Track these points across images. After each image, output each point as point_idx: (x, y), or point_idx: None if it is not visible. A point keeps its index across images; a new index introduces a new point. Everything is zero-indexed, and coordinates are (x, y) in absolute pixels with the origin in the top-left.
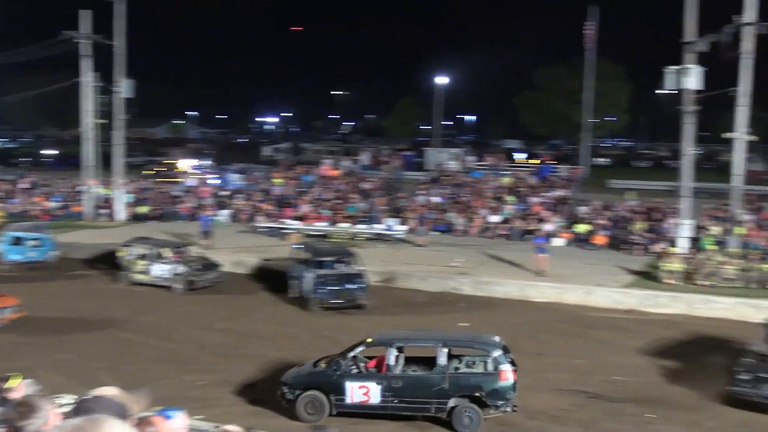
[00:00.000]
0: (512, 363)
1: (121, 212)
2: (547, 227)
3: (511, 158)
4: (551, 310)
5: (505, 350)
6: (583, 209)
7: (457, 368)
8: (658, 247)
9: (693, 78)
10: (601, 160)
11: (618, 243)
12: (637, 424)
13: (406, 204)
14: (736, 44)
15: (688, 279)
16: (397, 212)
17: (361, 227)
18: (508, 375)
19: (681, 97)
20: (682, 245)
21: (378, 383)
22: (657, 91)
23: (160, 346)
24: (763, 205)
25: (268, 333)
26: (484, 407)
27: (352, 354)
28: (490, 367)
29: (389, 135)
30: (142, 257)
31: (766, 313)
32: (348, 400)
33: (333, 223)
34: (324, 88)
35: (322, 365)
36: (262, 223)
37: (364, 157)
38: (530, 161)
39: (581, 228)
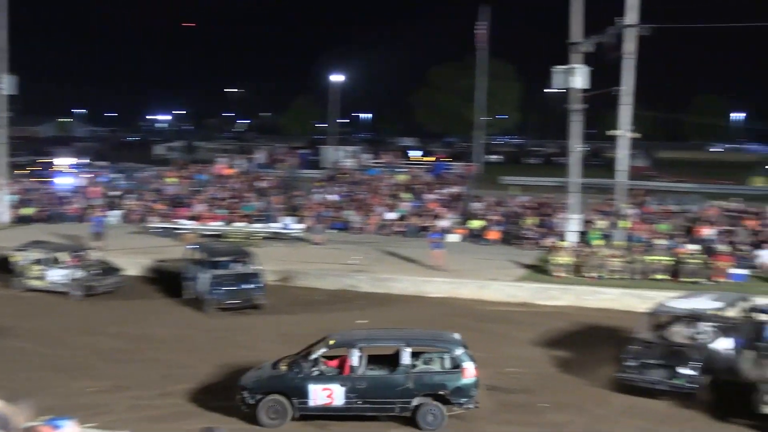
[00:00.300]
0: (472, 359)
1: (3, 214)
2: (442, 223)
3: (406, 156)
4: (447, 304)
5: (465, 347)
6: (476, 205)
7: (414, 365)
8: (548, 242)
9: (579, 77)
10: (494, 157)
11: (510, 238)
12: (532, 414)
13: (302, 202)
14: (619, 45)
15: (577, 272)
16: (293, 211)
17: (257, 226)
18: (471, 372)
19: (568, 96)
20: (571, 239)
21: (342, 385)
22: (546, 90)
23: (51, 353)
24: (646, 200)
25: (163, 336)
26: (448, 404)
27: (314, 356)
28: (452, 364)
29: (285, 133)
30: (38, 262)
31: (650, 303)
32: (311, 403)
33: (228, 222)
34: (218, 85)
35: (283, 368)
36: (154, 223)
37: (260, 156)
38: (425, 159)
39: (475, 224)
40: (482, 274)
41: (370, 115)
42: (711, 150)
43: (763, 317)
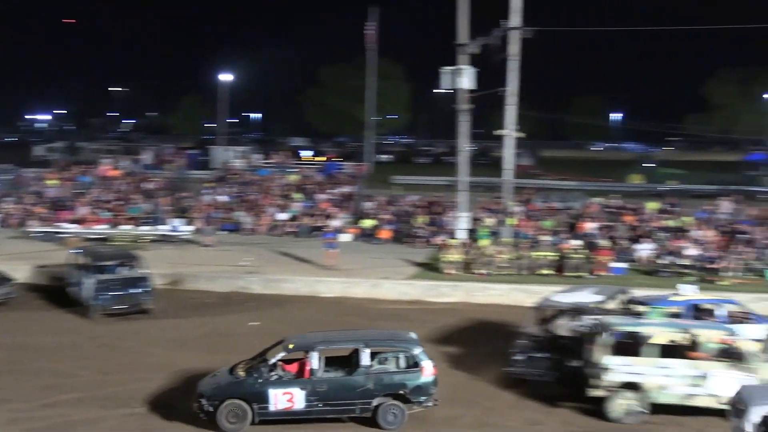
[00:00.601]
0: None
1: None
2: (335, 223)
3: (297, 156)
4: (340, 304)
5: (421, 346)
6: (368, 205)
7: (371, 366)
8: (438, 240)
9: (466, 78)
10: (384, 157)
11: (402, 237)
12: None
13: (191, 204)
14: (504, 47)
15: (467, 269)
16: (182, 212)
17: (144, 229)
18: (429, 370)
19: (456, 96)
20: (461, 237)
21: (302, 388)
22: (435, 91)
23: None
24: (531, 197)
25: (45, 345)
26: (408, 403)
27: (273, 361)
28: (411, 363)
29: (173, 133)
30: None
31: (536, 298)
32: (272, 408)
33: (114, 225)
34: (101, 83)
35: (241, 373)
36: (35, 227)
37: (147, 156)
38: (316, 159)
39: (367, 223)
40: (375, 273)
41: (259, 115)
42: (591, 149)
43: (639, 308)
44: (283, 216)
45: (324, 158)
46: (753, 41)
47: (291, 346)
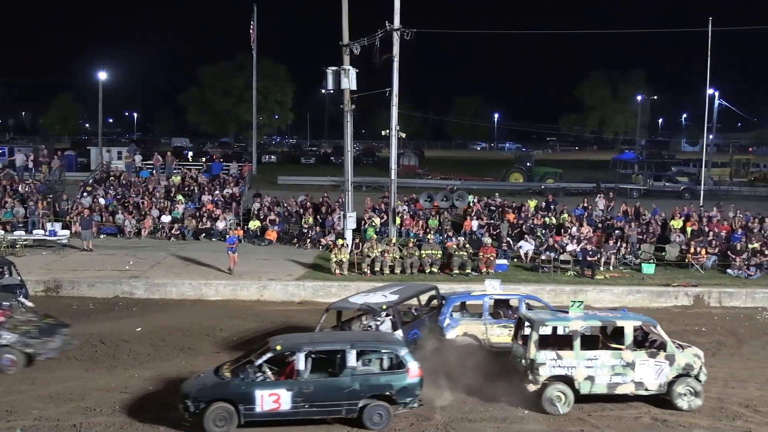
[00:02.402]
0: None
1: None
2: (220, 225)
3: (179, 156)
4: (228, 306)
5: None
6: (254, 206)
7: (356, 367)
8: (326, 240)
9: (349, 79)
10: (269, 157)
11: (289, 237)
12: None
13: (69, 207)
14: (388, 48)
15: (357, 268)
16: (59, 216)
17: (19, 234)
18: (415, 372)
19: (341, 96)
20: (348, 237)
21: (288, 389)
22: (321, 91)
23: None
24: (416, 197)
25: None
26: (394, 404)
27: (259, 362)
28: (397, 364)
29: (48, 133)
30: None
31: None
32: (258, 409)
33: None
34: None
35: (227, 374)
36: None
37: (19, 158)
38: (200, 159)
39: (253, 224)
40: (263, 274)
41: (137, 115)
42: (474, 148)
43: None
44: (166, 218)
45: (207, 159)
46: (623, 45)
47: (278, 348)
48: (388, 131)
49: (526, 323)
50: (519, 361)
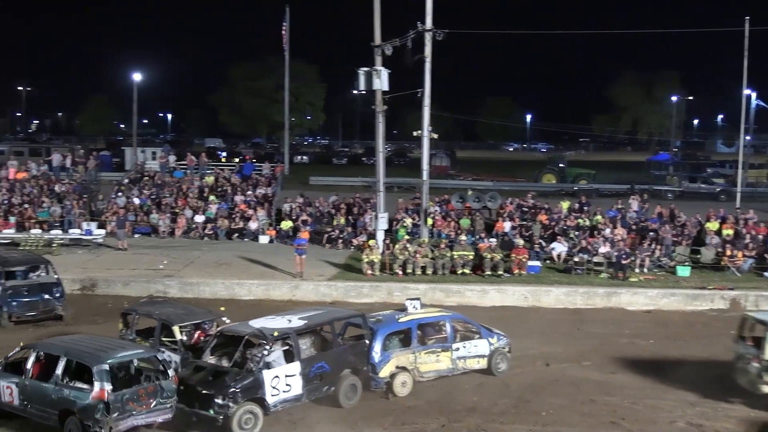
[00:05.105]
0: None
1: None
2: (252, 225)
3: (212, 157)
4: (260, 306)
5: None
6: (286, 206)
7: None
8: (358, 240)
9: (381, 80)
10: (302, 158)
11: (321, 238)
12: None
13: (104, 206)
14: (419, 49)
15: (388, 269)
16: (95, 216)
17: (55, 233)
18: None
19: (373, 97)
20: (380, 237)
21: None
22: (354, 92)
23: None
24: (448, 197)
25: None
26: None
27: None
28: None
29: (83, 133)
30: None
31: (455, 297)
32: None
33: (23, 229)
34: (4, 83)
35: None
36: None
37: (56, 158)
38: (232, 160)
39: (285, 225)
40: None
41: (171, 115)
42: (506, 149)
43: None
44: (199, 218)
45: (240, 159)
46: (656, 45)
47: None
48: (419, 132)
49: (759, 324)
50: (747, 364)
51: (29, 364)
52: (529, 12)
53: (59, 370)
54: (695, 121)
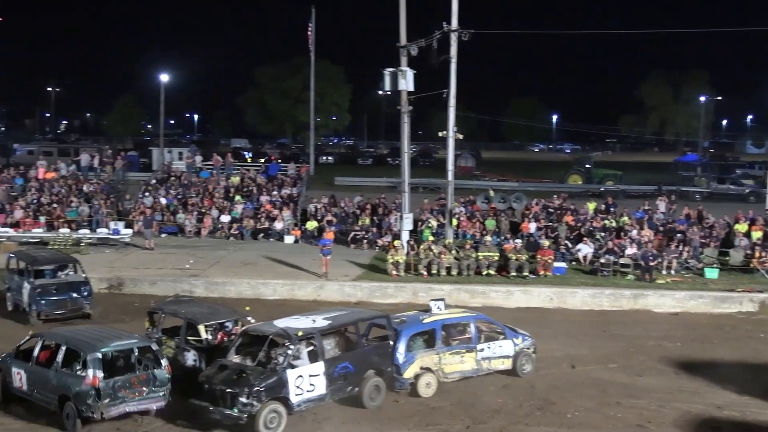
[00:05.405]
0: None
1: None
2: (278, 225)
3: (238, 157)
4: (285, 306)
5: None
6: (311, 206)
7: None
8: (383, 241)
9: (406, 80)
10: (327, 158)
11: (346, 238)
12: None
13: (132, 206)
14: (445, 49)
15: (413, 269)
16: (122, 215)
17: (83, 232)
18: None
19: (398, 98)
20: (405, 238)
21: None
22: (379, 92)
23: None
24: (473, 198)
25: None
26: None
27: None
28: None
29: (111, 134)
30: None
31: (480, 298)
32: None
33: (52, 228)
34: (33, 84)
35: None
36: None
37: (84, 158)
38: (258, 160)
39: (311, 225)
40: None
41: (197, 116)
42: (531, 150)
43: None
44: (225, 218)
45: (266, 159)
46: (684, 45)
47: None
48: (445, 132)
49: None
50: None
51: (36, 352)
52: (556, 12)
53: (59, 358)
54: (724, 122)
